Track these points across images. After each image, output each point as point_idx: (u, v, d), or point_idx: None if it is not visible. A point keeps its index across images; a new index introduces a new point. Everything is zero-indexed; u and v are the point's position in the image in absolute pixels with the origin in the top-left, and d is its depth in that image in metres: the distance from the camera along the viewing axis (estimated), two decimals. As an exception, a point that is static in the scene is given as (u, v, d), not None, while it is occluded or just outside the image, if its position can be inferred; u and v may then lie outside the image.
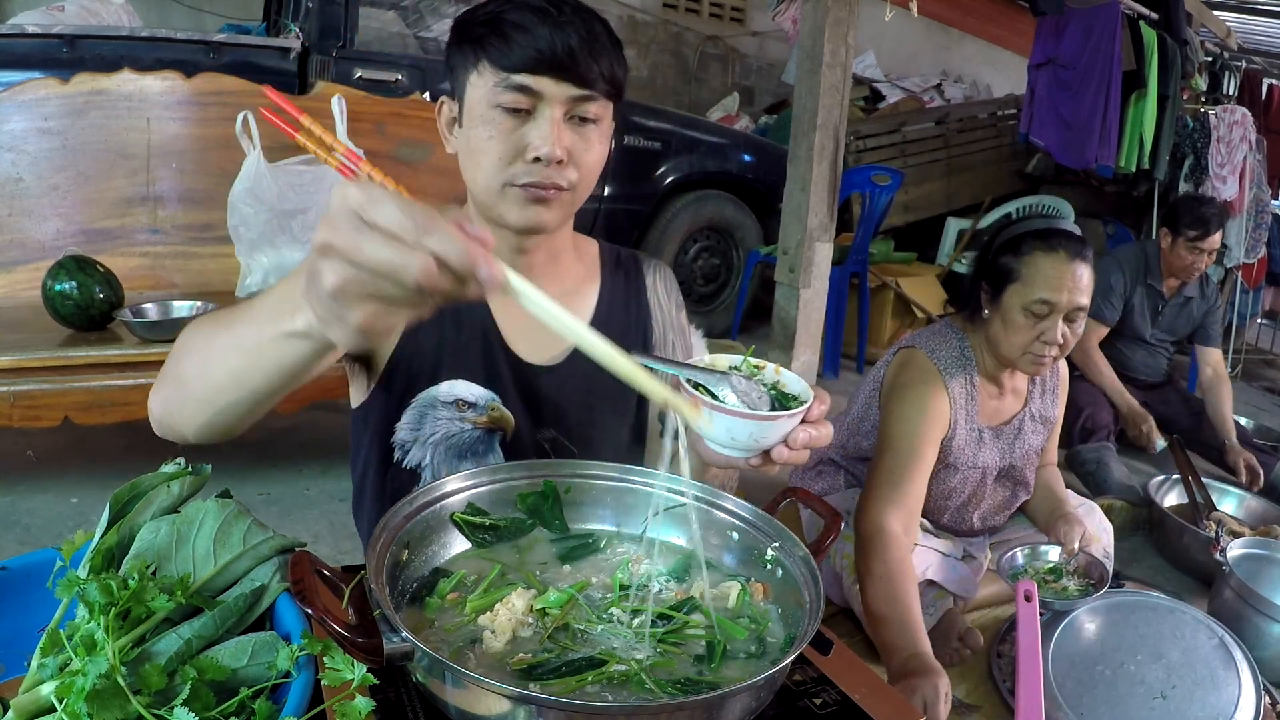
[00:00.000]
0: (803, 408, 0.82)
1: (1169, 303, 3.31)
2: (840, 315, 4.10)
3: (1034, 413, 1.89)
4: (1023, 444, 1.87)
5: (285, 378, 0.75)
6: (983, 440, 1.82)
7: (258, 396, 0.78)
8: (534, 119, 0.96)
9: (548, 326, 0.66)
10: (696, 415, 0.79)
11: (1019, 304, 1.66)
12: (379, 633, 0.65)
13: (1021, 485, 1.93)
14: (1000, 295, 1.71)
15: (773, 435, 0.82)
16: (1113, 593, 1.72)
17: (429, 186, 2.95)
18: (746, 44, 7.28)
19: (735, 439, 0.81)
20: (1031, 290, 1.64)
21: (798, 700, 0.81)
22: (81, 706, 0.61)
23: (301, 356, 0.71)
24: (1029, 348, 1.67)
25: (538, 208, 1.00)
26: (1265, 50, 6.49)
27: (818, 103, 3.21)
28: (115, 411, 2.12)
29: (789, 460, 0.83)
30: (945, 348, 1.79)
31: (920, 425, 1.70)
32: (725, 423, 0.80)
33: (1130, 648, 1.58)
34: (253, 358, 0.74)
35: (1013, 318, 1.67)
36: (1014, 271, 1.68)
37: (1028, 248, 1.67)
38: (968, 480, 1.84)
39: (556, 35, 0.93)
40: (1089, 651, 1.58)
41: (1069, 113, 4.53)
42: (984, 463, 1.82)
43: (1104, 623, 1.64)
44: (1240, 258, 4.95)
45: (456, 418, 1.07)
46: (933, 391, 1.72)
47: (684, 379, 0.83)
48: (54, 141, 2.54)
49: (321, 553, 2.16)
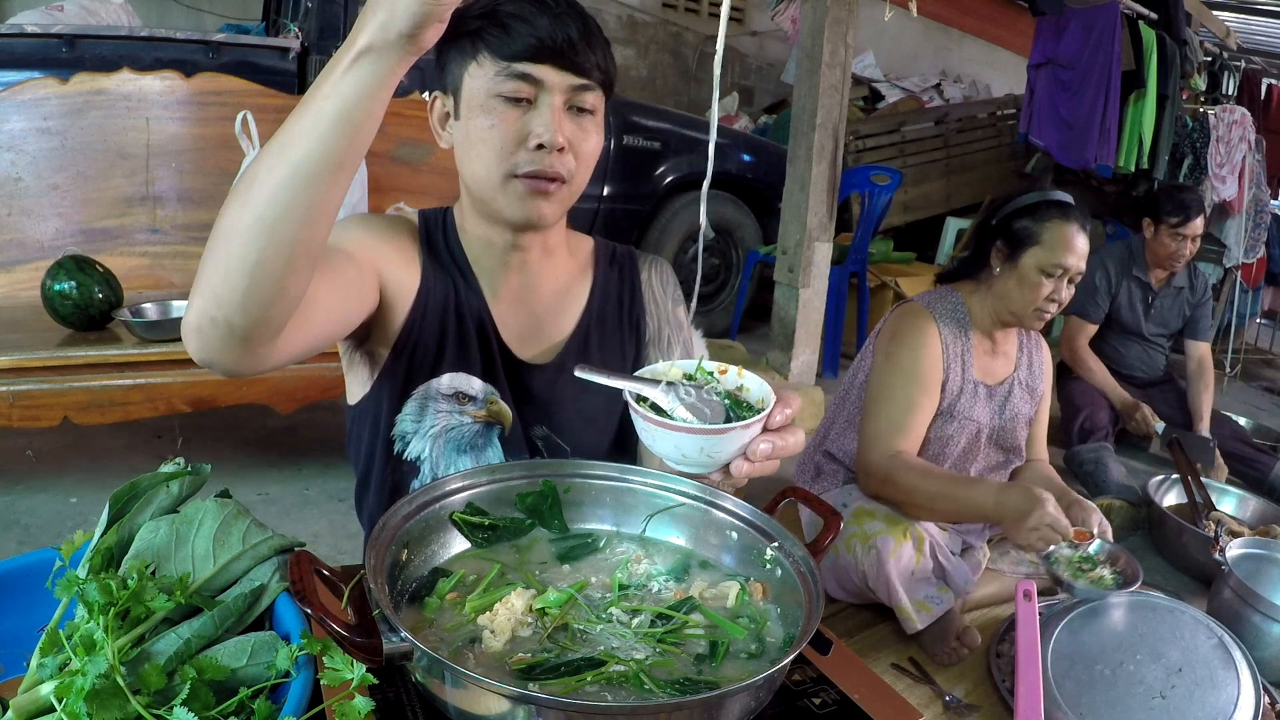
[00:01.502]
0: (759, 417, 0.76)
1: (1159, 294, 3.31)
2: (840, 315, 4.10)
3: (1022, 380, 1.99)
4: (1012, 408, 1.96)
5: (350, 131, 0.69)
6: (977, 395, 1.90)
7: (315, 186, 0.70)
8: (535, 107, 0.97)
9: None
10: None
11: (1036, 265, 1.80)
12: (378, 633, 0.65)
13: (1013, 451, 2.01)
14: (1018, 256, 1.83)
15: (727, 449, 0.76)
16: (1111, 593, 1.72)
17: (429, 186, 2.95)
18: (746, 44, 7.29)
19: (685, 455, 0.76)
20: (1052, 254, 1.79)
21: (797, 700, 0.81)
22: (81, 706, 0.61)
23: (365, 85, 0.68)
24: (1038, 303, 1.81)
25: (537, 201, 1.00)
26: (1265, 50, 6.50)
27: (817, 102, 3.21)
28: (114, 411, 2.12)
29: (751, 474, 0.80)
30: (941, 303, 1.92)
31: (917, 362, 1.83)
32: (672, 439, 0.75)
33: (1130, 647, 1.58)
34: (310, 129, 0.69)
35: (1029, 277, 1.81)
36: (1034, 235, 1.81)
37: (1045, 214, 1.82)
38: (964, 431, 1.90)
39: (556, 25, 0.95)
40: (1088, 651, 1.58)
41: (1068, 113, 4.53)
42: (978, 417, 1.91)
43: (1103, 622, 1.64)
44: (1239, 258, 4.95)
45: (456, 410, 1.08)
46: (926, 332, 1.85)
47: (629, 394, 0.78)
48: (53, 141, 2.54)
49: (321, 553, 2.16)
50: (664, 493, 0.94)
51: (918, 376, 1.82)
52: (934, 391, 1.84)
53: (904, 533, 1.74)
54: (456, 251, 1.11)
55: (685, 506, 0.93)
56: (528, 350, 1.12)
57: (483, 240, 1.09)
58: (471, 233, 1.10)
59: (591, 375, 0.82)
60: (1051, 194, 1.88)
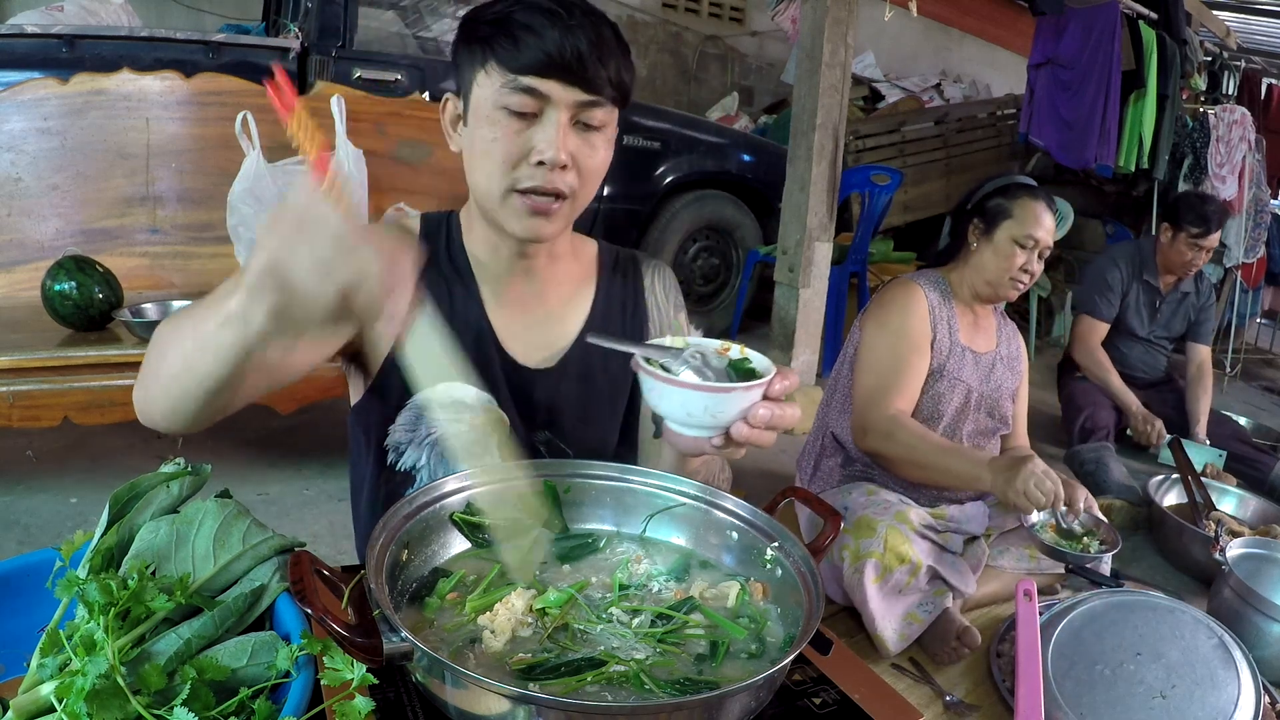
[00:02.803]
0: (761, 381, 0.80)
1: (1165, 299, 3.31)
2: (840, 315, 4.10)
3: (1003, 356, 2.11)
4: (996, 379, 2.08)
5: (226, 364, 0.75)
6: (965, 358, 2.02)
7: (206, 383, 0.78)
8: (539, 122, 0.95)
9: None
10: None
11: (1009, 236, 1.96)
12: (378, 633, 0.65)
13: (1000, 420, 2.10)
14: (993, 229, 1.99)
15: (730, 409, 0.80)
16: (1112, 592, 1.72)
17: (429, 186, 2.95)
18: (746, 44, 7.28)
19: (691, 414, 0.80)
20: (1023, 226, 1.95)
21: (797, 700, 0.81)
22: (81, 706, 0.61)
23: (235, 341, 0.73)
24: (1012, 272, 1.97)
25: (538, 219, 0.99)
26: (1265, 50, 6.50)
27: (817, 102, 3.21)
28: (115, 411, 2.12)
29: (750, 439, 0.82)
30: (923, 278, 2.06)
31: (907, 325, 1.95)
32: (679, 396, 0.79)
33: (1130, 647, 1.58)
34: (200, 341, 0.76)
35: (1003, 248, 1.96)
36: (1007, 209, 1.98)
37: (1015, 192, 2.00)
38: (955, 391, 2.00)
39: (566, 38, 0.92)
40: (1089, 651, 1.58)
41: (1068, 112, 4.53)
42: (968, 379, 2.02)
43: (1104, 622, 1.64)
44: (1240, 257, 4.95)
45: (452, 419, 1.07)
46: (913, 296, 1.99)
47: (638, 356, 0.82)
48: (53, 141, 2.54)
49: (321, 553, 2.16)
50: (664, 493, 0.94)
51: (907, 335, 1.94)
52: (925, 350, 1.95)
53: (899, 559, 1.72)
54: (459, 257, 1.10)
55: (685, 506, 0.93)
56: (530, 356, 1.12)
57: (489, 245, 1.09)
58: (479, 237, 1.10)
59: (604, 341, 0.87)
60: (1017, 177, 2.05)
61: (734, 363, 0.86)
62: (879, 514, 1.78)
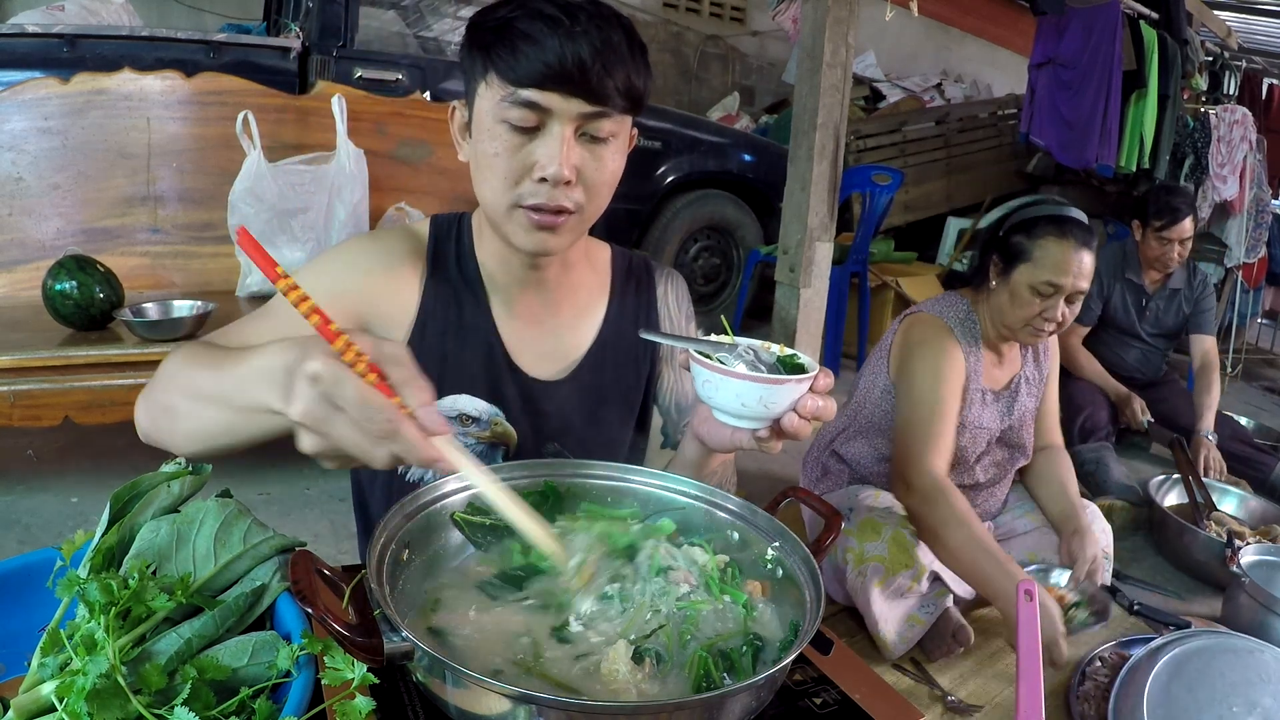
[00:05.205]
0: (811, 374, 0.84)
1: (1153, 296, 3.30)
2: (840, 315, 4.10)
3: (1028, 375, 1.99)
4: (1020, 406, 1.96)
5: (268, 435, 0.74)
6: (985, 403, 1.90)
7: (243, 441, 0.77)
8: (542, 135, 0.91)
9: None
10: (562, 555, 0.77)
11: (1027, 282, 1.78)
12: (379, 632, 0.65)
13: (1018, 449, 2.01)
14: (1010, 271, 1.82)
15: (783, 400, 0.83)
16: (1187, 634, 1.65)
17: (429, 186, 2.95)
18: (747, 43, 7.28)
19: (745, 404, 0.82)
20: (1040, 272, 1.76)
21: (798, 700, 0.81)
22: (81, 706, 0.61)
23: (270, 430, 0.72)
24: (1031, 322, 1.80)
25: (544, 235, 0.95)
26: (1265, 50, 6.49)
27: (818, 102, 3.20)
28: (115, 411, 2.12)
29: (798, 431, 0.84)
30: (951, 311, 1.89)
31: (942, 372, 1.79)
32: (735, 388, 0.81)
33: (1223, 700, 1.49)
34: (236, 415, 0.73)
35: (1020, 294, 1.79)
36: (1026, 251, 1.79)
37: (1040, 231, 1.79)
38: (977, 440, 1.90)
39: (567, 47, 0.86)
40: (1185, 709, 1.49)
41: (1069, 112, 4.53)
42: (988, 424, 1.90)
43: (1190, 673, 1.56)
44: (1240, 258, 4.94)
45: (459, 432, 1.06)
46: (947, 342, 1.83)
47: (692, 350, 0.85)
48: (54, 141, 2.54)
49: (321, 552, 2.15)
50: (664, 492, 0.94)
51: (945, 383, 1.79)
52: (959, 398, 1.82)
53: (903, 563, 1.70)
54: (469, 266, 1.08)
55: (686, 506, 0.93)
56: (541, 368, 1.10)
57: (499, 257, 1.06)
58: (489, 248, 1.07)
59: (656, 337, 0.91)
60: (1053, 209, 1.83)
61: (782, 358, 0.89)
62: (883, 517, 1.77)
